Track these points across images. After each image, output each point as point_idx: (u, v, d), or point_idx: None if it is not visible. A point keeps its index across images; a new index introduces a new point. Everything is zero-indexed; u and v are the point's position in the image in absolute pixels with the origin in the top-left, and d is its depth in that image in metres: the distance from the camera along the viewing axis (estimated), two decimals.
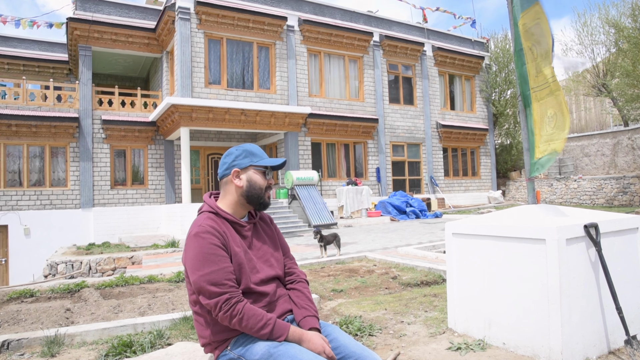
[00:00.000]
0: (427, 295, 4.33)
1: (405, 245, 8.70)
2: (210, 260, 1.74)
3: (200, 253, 1.75)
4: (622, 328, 2.62)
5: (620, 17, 17.80)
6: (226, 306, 1.69)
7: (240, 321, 1.69)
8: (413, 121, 19.60)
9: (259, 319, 1.70)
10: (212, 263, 1.73)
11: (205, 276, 1.72)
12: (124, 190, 15.43)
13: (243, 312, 1.69)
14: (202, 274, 1.72)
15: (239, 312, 1.69)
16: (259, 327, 1.70)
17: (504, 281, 2.81)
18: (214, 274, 1.72)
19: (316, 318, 1.88)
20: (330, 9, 17.91)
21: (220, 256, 1.76)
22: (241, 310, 1.69)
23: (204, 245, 1.76)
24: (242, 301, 1.72)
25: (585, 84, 20.82)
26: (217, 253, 1.76)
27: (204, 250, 1.75)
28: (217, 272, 1.72)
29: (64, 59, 18.13)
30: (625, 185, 17.08)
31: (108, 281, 5.63)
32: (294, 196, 14.88)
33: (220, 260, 1.75)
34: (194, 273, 1.74)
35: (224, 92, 15.15)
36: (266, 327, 1.70)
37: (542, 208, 2.95)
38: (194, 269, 1.75)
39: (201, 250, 1.76)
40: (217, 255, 1.75)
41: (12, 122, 13.75)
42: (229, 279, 1.73)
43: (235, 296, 1.71)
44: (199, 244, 1.77)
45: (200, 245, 1.76)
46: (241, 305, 1.71)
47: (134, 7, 16.35)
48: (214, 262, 1.74)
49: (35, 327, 3.85)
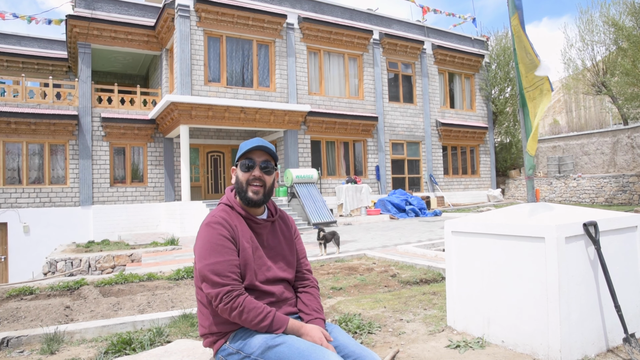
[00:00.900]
0: (426, 293, 4.34)
1: (405, 243, 8.71)
2: (217, 250, 1.76)
3: (208, 242, 1.78)
4: (620, 326, 2.62)
5: (620, 16, 17.80)
6: (227, 298, 1.70)
7: (240, 314, 1.70)
8: (413, 119, 19.59)
9: (258, 312, 1.71)
10: (218, 254, 1.75)
11: (210, 265, 1.74)
12: (123, 187, 15.43)
13: (243, 305, 1.70)
14: (208, 263, 1.74)
15: (239, 304, 1.70)
16: (258, 320, 1.70)
17: (503, 279, 2.82)
18: (218, 265, 1.73)
19: (323, 321, 1.89)
20: (330, 6, 17.88)
21: (227, 248, 1.77)
22: (241, 303, 1.70)
23: (213, 235, 1.78)
24: (244, 294, 1.73)
25: (585, 82, 20.81)
26: (224, 244, 1.77)
27: (212, 240, 1.78)
28: (222, 263, 1.74)
29: (63, 57, 18.10)
30: (624, 183, 17.09)
31: (107, 279, 5.64)
32: (293, 194, 14.88)
33: (227, 252, 1.77)
34: (200, 261, 1.77)
35: (223, 90, 15.13)
36: (265, 320, 1.71)
37: (541, 206, 2.95)
38: (200, 257, 1.78)
39: (209, 239, 1.78)
40: (224, 247, 1.77)
41: (12, 120, 13.74)
42: (232, 272, 1.75)
43: (236, 289, 1.72)
44: (208, 233, 1.80)
45: (210, 234, 1.79)
46: (242, 298, 1.71)
47: (134, 5, 16.31)
48: (220, 252, 1.76)
49: (34, 325, 3.85)
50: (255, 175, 1.89)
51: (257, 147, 1.89)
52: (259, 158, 1.91)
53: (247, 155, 1.90)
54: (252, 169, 1.89)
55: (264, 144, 1.89)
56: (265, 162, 1.91)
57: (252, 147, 1.88)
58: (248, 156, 1.90)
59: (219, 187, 17.72)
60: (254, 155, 1.90)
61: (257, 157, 1.91)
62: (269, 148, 1.91)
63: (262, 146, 1.89)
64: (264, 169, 1.91)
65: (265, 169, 1.91)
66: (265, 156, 1.92)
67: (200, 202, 13.45)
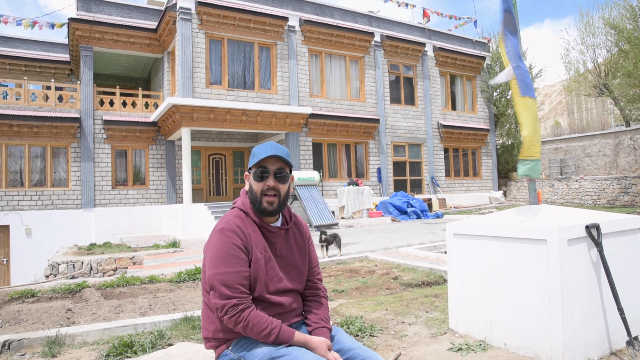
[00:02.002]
0: (428, 295, 4.32)
1: (407, 245, 8.69)
2: (228, 260, 1.72)
3: (220, 250, 1.74)
4: (623, 329, 2.61)
5: (621, 18, 17.79)
6: (232, 311, 1.68)
7: (245, 328, 1.68)
8: (414, 121, 19.59)
9: (264, 326, 1.68)
10: (229, 264, 1.72)
11: (219, 275, 1.70)
12: (125, 190, 15.45)
13: (248, 319, 1.68)
14: (217, 272, 1.71)
15: (244, 319, 1.67)
16: (264, 335, 1.68)
17: (505, 282, 2.81)
18: (228, 275, 1.70)
19: (329, 331, 1.86)
20: (332, 9, 17.91)
21: (238, 258, 1.73)
22: (246, 318, 1.68)
23: (226, 243, 1.74)
24: (249, 308, 1.70)
25: (586, 84, 20.80)
26: (236, 254, 1.74)
27: (224, 248, 1.74)
28: (232, 274, 1.71)
29: (66, 60, 18.16)
30: (627, 185, 17.05)
31: (109, 281, 5.64)
32: (295, 196, 14.88)
33: (238, 262, 1.73)
34: (210, 269, 1.74)
35: (225, 93, 15.16)
36: (271, 335, 1.68)
37: (543, 208, 2.94)
38: (211, 264, 1.74)
39: (222, 247, 1.74)
40: (235, 257, 1.73)
41: (14, 123, 13.78)
42: (241, 284, 1.72)
43: (243, 302, 1.70)
44: (221, 240, 1.75)
45: (222, 242, 1.75)
46: (247, 312, 1.69)
47: (135, 8, 16.37)
48: (230, 262, 1.72)
49: (36, 327, 3.85)
50: (269, 185, 1.82)
51: (271, 156, 1.82)
52: (272, 166, 1.84)
53: (260, 164, 1.83)
54: (266, 178, 1.83)
55: (277, 152, 1.82)
56: (279, 170, 1.84)
57: (266, 156, 1.82)
58: (261, 164, 1.83)
59: (220, 189, 17.73)
60: (268, 163, 1.83)
61: (270, 165, 1.83)
62: (282, 156, 1.83)
63: (276, 155, 1.82)
64: (278, 177, 1.84)
65: (279, 177, 1.84)
66: (279, 163, 1.84)
67: (202, 205, 13.46)
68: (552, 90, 40.80)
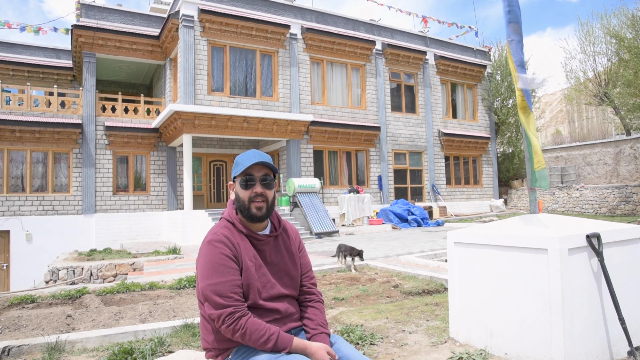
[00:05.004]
0: (429, 304, 4.31)
1: (407, 253, 8.68)
2: (219, 270, 1.73)
3: (210, 262, 1.75)
4: (625, 339, 2.61)
5: (622, 28, 17.88)
6: (229, 320, 1.68)
7: (243, 336, 1.69)
8: (415, 129, 19.63)
9: (261, 333, 1.69)
10: (220, 274, 1.73)
11: (212, 286, 1.71)
12: (126, 196, 15.46)
13: (246, 327, 1.68)
14: (210, 283, 1.72)
15: (242, 327, 1.68)
16: (262, 342, 1.68)
17: (506, 291, 2.81)
18: (220, 285, 1.71)
19: (327, 336, 1.87)
20: (333, 17, 18.03)
21: (229, 267, 1.74)
22: (244, 325, 1.68)
23: (215, 254, 1.76)
24: (246, 315, 1.71)
25: (587, 93, 20.86)
26: (227, 264, 1.75)
27: (214, 259, 1.75)
28: (224, 283, 1.72)
29: (68, 66, 18.26)
30: (627, 194, 17.04)
31: (109, 287, 5.63)
32: (295, 204, 14.88)
33: (229, 271, 1.74)
34: (202, 280, 1.75)
35: (226, 100, 15.22)
36: (269, 342, 1.69)
37: (544, 217, 2.94)
38: (202, 276, 1.76)
39: (212, 259, 1.75)
40: (226, 267, 1.74)
41: (16, 128, 13.83)
42: (235, 292, 1.72)
43: (239, 310, 1.70)
44: (211, 252, 1.77)
45: (212, 253, 1.76)
46: (244, 319, 1.69)
47: (138, 15, 16.49)
48: (222, 272, 1.73)
49: (36, 334, 3.84)
50: (256, 192, 1.84)
51: (256, 163, 1.84)
52: (258, 173, 1.85)
53: (245, 172, 1.85)
54: (253, 186, 1.85)
55: (262, 159, 1.84)
56: (265, 177, 1.86)
57: (251, 164, 1.83)
58: (247, 172, 1.84)
59: (221, 196, 17.74)
60: (253, 171, 1.85)
61: (256, 172, 1.85)
62: (267, 162, 1.86)
63: (261, 162, 1.84)
64: (265, 184, 1.86)
65: (265, 184, 1.86)
66: (264, 170, 1.87)
67: (203, 211, 13.46)
68: (553, 98, 40.91)
